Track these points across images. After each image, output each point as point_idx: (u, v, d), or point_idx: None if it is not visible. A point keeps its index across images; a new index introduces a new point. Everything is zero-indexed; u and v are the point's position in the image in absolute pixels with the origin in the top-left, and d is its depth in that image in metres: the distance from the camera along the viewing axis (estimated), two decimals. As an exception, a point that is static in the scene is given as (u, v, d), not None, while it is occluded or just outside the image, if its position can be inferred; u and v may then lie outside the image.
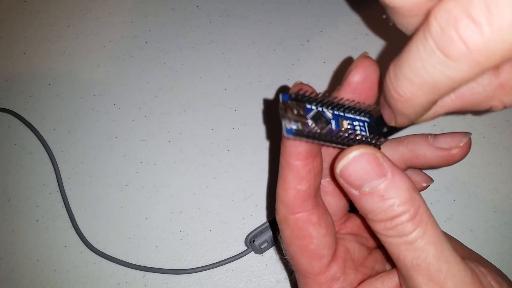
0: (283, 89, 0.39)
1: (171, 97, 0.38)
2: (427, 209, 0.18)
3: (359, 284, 0.22)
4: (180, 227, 0.34)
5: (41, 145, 0.37)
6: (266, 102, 0.38)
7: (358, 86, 0.21)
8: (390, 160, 0.19)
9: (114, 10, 0.42)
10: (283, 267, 0.33)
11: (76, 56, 0.40)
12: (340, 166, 0.18)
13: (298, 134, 0.19)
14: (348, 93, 0.21)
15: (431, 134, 0.24)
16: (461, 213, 0.35)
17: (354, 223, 0.26)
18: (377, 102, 0.21)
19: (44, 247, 0.34)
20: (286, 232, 0.22)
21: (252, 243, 0.32)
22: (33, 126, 0.37)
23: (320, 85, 0.38)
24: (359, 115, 0.22)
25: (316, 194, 0.22)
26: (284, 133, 0.19)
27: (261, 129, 0.37)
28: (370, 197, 0.18)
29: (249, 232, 0.33)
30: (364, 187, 0.18)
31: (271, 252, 0.33)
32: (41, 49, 0.41)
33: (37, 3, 0.43)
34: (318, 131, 0.19)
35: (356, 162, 0.18)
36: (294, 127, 0.19)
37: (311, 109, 0.20)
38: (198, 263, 0.33)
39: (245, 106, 0.38)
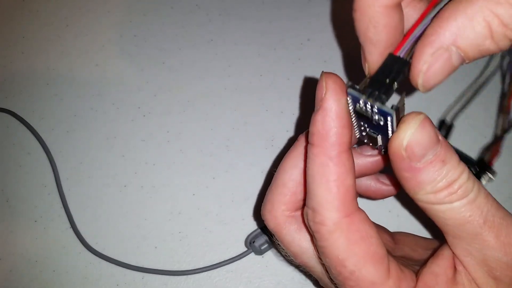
0: (281, 90, 0.38)
1: (170, 97, 0.38)
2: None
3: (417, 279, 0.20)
4: (179, 228, 0.34)
5: (39, 145, 0.37)
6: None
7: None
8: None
9: (113, 9, 0.42)
10: (283, 268, 0.33)
11: (75, 56, 0.40)
12: (407, 137, 0.16)
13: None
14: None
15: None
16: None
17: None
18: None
19: (42, 247, 0.34)
20: (339, 242, 0.18)
21: (252, 244, 0.32)
22: (32, 126, 0.37)
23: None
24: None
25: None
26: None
27: (261, 129, 0.37)
28: (432, 166, 0.17)
29: (249, 233, 0.33)
30: (427, 156, 0.17)
31: (271, 253, 0.33)
32: (40, 49, 0.40)
33: (35, 2, 0.42)
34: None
35: (422, 129, 0.17)
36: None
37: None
38: (197, 264, 0.33)
39: (245, 106, 0.38)
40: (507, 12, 0.14)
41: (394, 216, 0.34)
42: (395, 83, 0.17)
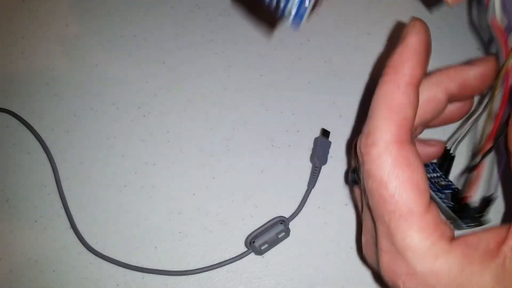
0: (281, 90, 0.38)
1: (170, 97, 0.38)
2: None
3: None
4: (179, 228, 0.34)
5: (39, 145, 0.37)
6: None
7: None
8: None
9: (113, 9, 0.42)
10: (283, 268, 0.33)
11: (75, 56, 0.40)
12: None
13: None
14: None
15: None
16: (463, 214, 0.34)
17: None
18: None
19: (42, 248, 0.34)
20: (386, 163, 0.19)
21: (252, 244, 0.32)
22: (32, 126, 0.37)
23: (320, 85, 0.38)
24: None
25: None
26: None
27: (262, 129, 0.37)
28: None
29: (249, 233, 0.33)
30: None
31: (272, 254, 0.33)
32: (40, 49, 0.40)
33: (35, 2, 0.42)
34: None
35: None
36: None
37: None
38: (197, 264, 0.33)
39: (245, 106, 0.38)
40: None
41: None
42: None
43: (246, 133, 0.37)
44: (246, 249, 0.33)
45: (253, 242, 0.32)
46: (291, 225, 0.34)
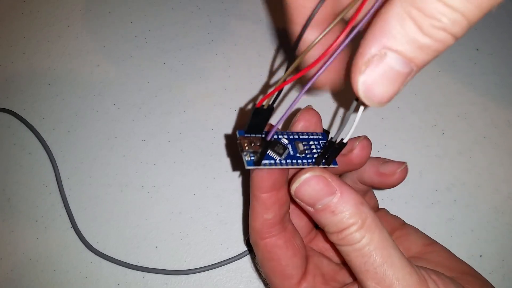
0: (281, 90, 0.38)
1: (171, 97, 0.38)
2: (375, 218, 0.20)
3: None
4: (180, 228, 0.34)
5: (40, 145, 0.37)
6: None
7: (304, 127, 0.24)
8: (338, 179, 0.21)
9: (114, 10, 0.42)
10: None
11: (76, 56, 0.40)
12: (293, 188, 0.21)
13: (257, 163, 0.20)
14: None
15: (378, 159, 0.27)
16: (462, 214, 0.35)
17: (323, 240, 0.28)
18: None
19: (43, 247, 0.34)
20: (258, 254, 0.25)
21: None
22: (33, 126, 0.37)
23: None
24: (312, 135, 0.24)
25: (283, 220, 0.24)
26: (246, 165, 0.20)
27: (261, 129, 0.37)
28: (323, 213, 0.20)
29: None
30: (317, 205, 0.20)
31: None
32: (41, 49, 0.40)
33: (36, 2, 0.43)
34: (277, 158, 0.21)
35: (306, 184, 0.20)
36: (253, 158, 0.20)
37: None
38: (198, 264, 0.33)
39: (245, 106, 0.38)
40: (428, 4, 0.13)
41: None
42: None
43: (246, 133, 0.37)
44: (246, 248, 0.33)
45: (253, 241, 0.32)
46: (291, 224, 0.34)
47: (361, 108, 0.18)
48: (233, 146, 0.36)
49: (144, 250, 0.33)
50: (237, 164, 0.36)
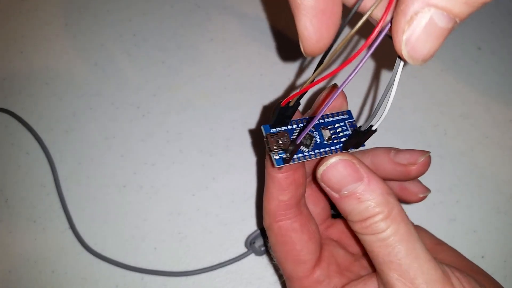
0: (281, 90, 0.38)
1: (170, 97, 0.38)
2: (402, 210, 0.20)
3: (343, 287, 0.23)
4: (179, 229, 0.34)
5: (38, 145, 0.36)
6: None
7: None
8: (366, 166, 0.20)
9: (112, 8, 0.42)
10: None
11: (74, 55, 0.40)
12: (320, 171, 0.20)
13: (287, 161, 0.20)
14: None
15: (394, 149, 0.25)
16: (464, 214, 0.34)
17: (339, 229, 0.27)
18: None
19: (41, 248, 0.33)
20: (271, 238, 0.24)
21: (252, 245, 0.32)
22: (30, 126, 0.37)
23: (321, 84, 0.38)
24: (337, 115, 0.23)
25: (299, 203, 0.23)
26: (275, 164, 0.20)
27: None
28: (348, 200, 0.20)
29: (249, 233, 0.33)
30: (343, 190, 0.20)
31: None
32: (39, 48, 0.40)
33: (34, 1, 0.42)
34: (305, 150, 0.21)
35: (334, 167, 0.20)
36: (282, 155, 0.20)
37: (293, 129, 0.21)
38: (197, 265, 0.33)
39: (245, 105, 0.37)
40: None
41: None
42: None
43: (246, 133, 0.36)
44: (246, 249, 0.33)
45: (253, 242, 0.32)
46: (292, 225, 0.33)
47: (400, 69, 0.17)
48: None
49: (142, 251, 0.33)
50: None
